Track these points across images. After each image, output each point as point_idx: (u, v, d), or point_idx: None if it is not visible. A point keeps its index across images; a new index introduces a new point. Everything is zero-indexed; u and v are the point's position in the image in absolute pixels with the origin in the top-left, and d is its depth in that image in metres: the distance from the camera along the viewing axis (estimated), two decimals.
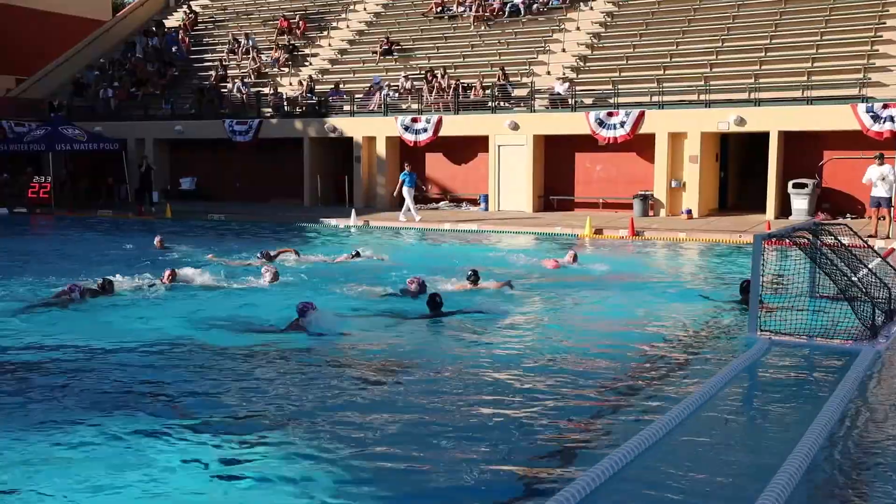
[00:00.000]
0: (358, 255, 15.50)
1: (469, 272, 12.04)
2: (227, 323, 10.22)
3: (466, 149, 26.15)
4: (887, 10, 23.41)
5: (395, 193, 24.14)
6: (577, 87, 24.75)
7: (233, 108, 29.63)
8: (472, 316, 10.35)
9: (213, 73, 32.16)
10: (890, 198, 18.09)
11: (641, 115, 22.62)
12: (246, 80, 31.13)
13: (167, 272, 12.68)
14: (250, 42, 33.22)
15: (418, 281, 11.58)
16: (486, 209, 25.26)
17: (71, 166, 31.01)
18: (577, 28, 27.75)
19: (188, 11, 37.59)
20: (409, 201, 22.99)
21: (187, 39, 35.45)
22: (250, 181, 29.65)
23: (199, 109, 29.93)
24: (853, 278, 9.64)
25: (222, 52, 33.84)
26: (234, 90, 30.34)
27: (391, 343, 9.34)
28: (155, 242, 17.56)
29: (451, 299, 10.88)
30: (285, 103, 28.87)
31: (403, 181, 23.10)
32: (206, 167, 30.48)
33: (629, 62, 25.53)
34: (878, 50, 22.21)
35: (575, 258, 14.70)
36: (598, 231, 20.08)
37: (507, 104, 25.44)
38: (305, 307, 9.65)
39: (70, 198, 29.12)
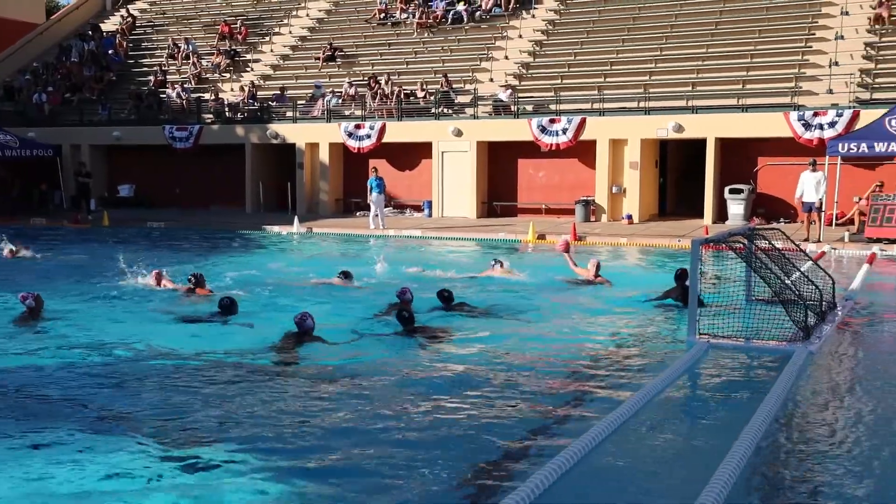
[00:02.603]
0: (501, 264, 14.39)
1: (444, 293, 11.46)
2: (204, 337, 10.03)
3: (410, 155, 26.15)
4: (816, 22, 24.18)
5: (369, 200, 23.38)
6: (520, 94, 24.96)
7: (172, 113, 29.12)
8: (438, 328, 10.23)
9: (151, 78, 31.57)
10: (821, 202, 18.63)
11: (583, 122, 22.92)
12: (186, 85, 30.63)
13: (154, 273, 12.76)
14: (190, 47, 32.70)
15: (410, 291, 11.26)
16: (430, 215, 25.27)
17: (2, 172, 30.04)
18: (520, 36, 28.02)
19: (126, 15, 36.84)
20: (374, 208, 22.56)
21: (125, 44, 34.73)
22: (191, 188, 29.18)
23: (138, 115, 29.35)
24: (787, 281, 9.89)
25: (161, 56, 33.23)
26: (174, 95, 29.82)
27: (355, 356, 9.15)
28: (4, 253, 16.89)
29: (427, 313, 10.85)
30: (227, 109, 28.50)
31: (371, 187, 22.76)
32: (145, 174, 29.88)
33: (571, 70, 25.85)
34: (808, 60, 22.90)
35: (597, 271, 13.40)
36: (542, 236, 20.25)
37: (450, 111, 25.52)
38: (304, 317, 9.48)
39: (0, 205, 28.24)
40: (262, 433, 6.54)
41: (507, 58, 27.25)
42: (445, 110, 25.48)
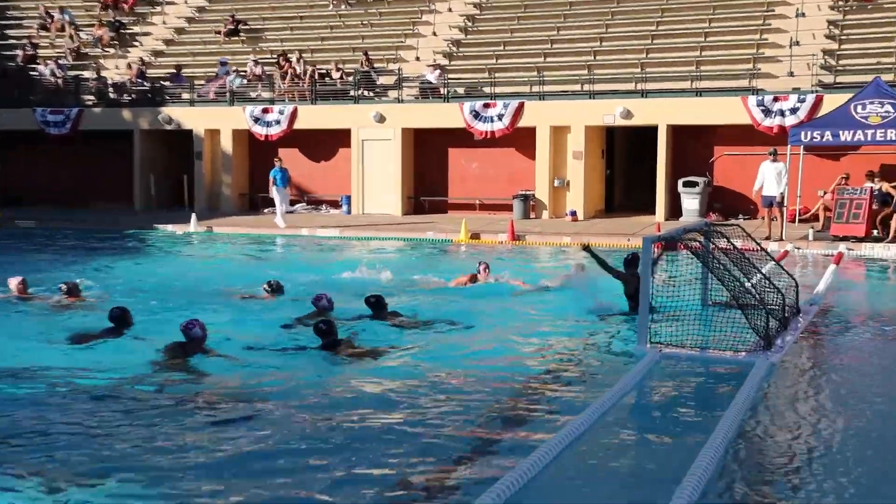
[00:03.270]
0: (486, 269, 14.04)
1: (371, 298, 11.42)
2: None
3: (326, 144, 25.93)
4: None
5: (270, 194, 23.31)
6: (450, 76, 24.98)
7: (45, 94, 28.30)
8: (363, 341, 10.09)
9: (19, 52, 30.62)
10: (783, 196, 19.03)
11: (521, 106, 23.06)
12: (62, 61, 29.77)
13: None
14: (66, 17, 31.82)
15: (326, 297, 11.33)
16: (349, 212, 25.09)
17: None
18: (450, 9, 28.06)
19: None
20: (279, 203, 22.45)
21: None
22: (69, 181, 28.35)
23: (2, 95, 28.39)
24: (747, 284, 10.06)
25: (31, 27, 32.27)
26: (48, 73, 28.96)
27: (258, 373, 8.98)
28: None
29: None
30: (111, 90, 27.83)
31: (274, 179, 22.55)
32: (13, 164, 28.85)
33: (507, 48, 25.99)
34: (767, 39, 23.50)
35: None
36: (475, 236, 20.28)
37: (371, 93, 25.39)
38: (190, 325, 9.33)
39: None
40: (145, 467, 6.33)
41: (435, 34, 27.25)
42: (366, 93, 25.34)
